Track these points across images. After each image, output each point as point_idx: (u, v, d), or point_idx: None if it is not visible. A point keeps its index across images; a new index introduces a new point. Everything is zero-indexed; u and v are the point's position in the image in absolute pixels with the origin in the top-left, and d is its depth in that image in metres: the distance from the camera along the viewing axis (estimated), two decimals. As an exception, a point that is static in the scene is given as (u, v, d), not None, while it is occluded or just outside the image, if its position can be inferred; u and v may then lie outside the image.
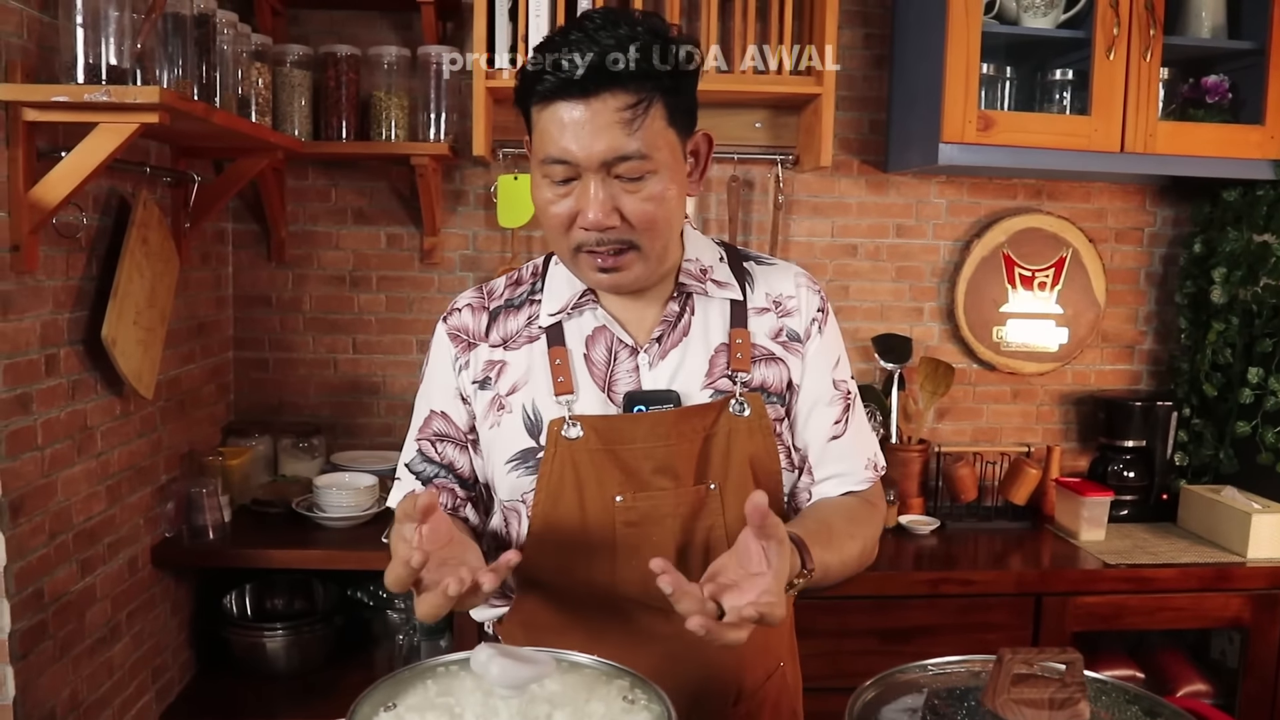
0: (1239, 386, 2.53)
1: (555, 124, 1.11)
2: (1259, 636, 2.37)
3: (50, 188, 1.60)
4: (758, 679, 1.28)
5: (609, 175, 1.12)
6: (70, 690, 1.85)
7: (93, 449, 1.93)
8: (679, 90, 1.14)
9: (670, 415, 1.20)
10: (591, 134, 1.09)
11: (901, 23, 2.65)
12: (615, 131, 1.09)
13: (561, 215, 1.14)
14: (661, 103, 1.12)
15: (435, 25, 2.46)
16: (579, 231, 1.14)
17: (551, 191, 1.14)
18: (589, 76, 1.08)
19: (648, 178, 1.12)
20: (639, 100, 1.10)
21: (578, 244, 1.16)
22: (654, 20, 1.14)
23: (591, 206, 1.11)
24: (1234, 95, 2.52)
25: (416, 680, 0.97)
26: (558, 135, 1.11)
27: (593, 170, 1.11)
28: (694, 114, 1.20)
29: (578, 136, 1.09)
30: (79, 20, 1.55)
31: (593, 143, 1.09)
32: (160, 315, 2.08)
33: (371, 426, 2.75)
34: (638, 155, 1.10)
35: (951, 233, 2.81)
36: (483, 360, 1.26)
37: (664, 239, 1.18)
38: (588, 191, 1.12)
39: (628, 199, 1.12)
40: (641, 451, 1.18)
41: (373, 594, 2.53)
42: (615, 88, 1.09)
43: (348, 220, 2.69)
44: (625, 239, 1.14)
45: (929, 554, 2.45)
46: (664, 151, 1.13)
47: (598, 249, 1.15)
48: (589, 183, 1.12)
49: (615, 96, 1.09)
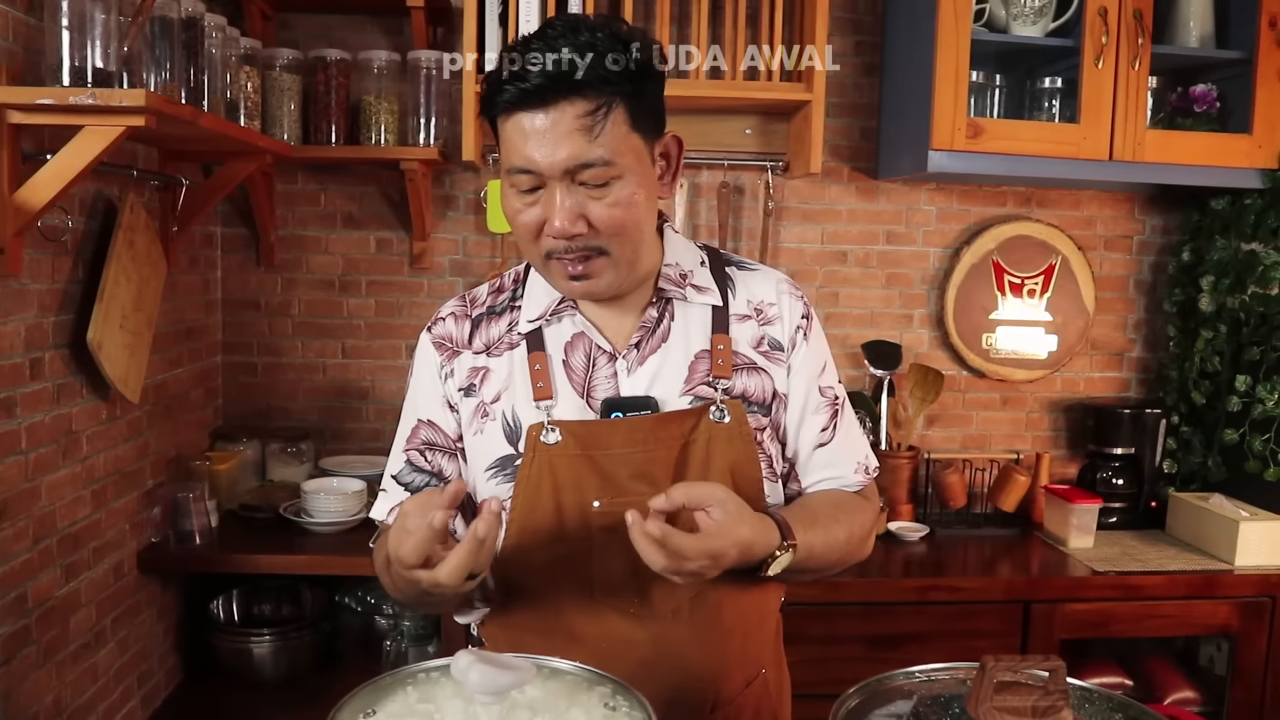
0: (1227, 394, 2.54)
1: (518, 134, 1.11)
2: (1246, 644, 2.37)
3: (35, 190, 1.59)
4: (736, 686, 1.27)
5: (573, 182, 1.12)
6: (54, 696, 1.84)
7: (78, 453, 1.92)
8: (640, 94, 1.14)
9: (648, 421, 1.20)
10: (553, 142, 1.09)
11: (892, 30, 2.66)
12: (576, 139, 1.09)
13: (530, 224, 1.15)
14: (623, 107, 1.12)
15: (425, 30, 2.46)
16: (547, 239, 1.15)
17: (519, 200, 1.15)
18: (547, 85, 1.08)
19: (613, 183, 1.12)
20: (598, 106, 1.10)
21: (547, 251, 1.16)
22: (613, 24, 1.14)
23: (558, 215, 1.12)
24: (1222, 104, 2.53)
25: (396, 686, 0.97)
26: (520, 145, 1.11)
27: (556, 178, 1.11)
28: (660, 117, 1.19)
29: (539, 145, 1.10)
30: (65, 23, 1.54)
31: (554, 151, 1.10)
32: (147, 319, 2.07)
33: (360, 431, 2.74)
34: (601, 162, 1.11)
35: (941, 240, 2.81)
36: (467, 367, 1.26)
37: (633, 244, 1.18)
38: (553, 200, 1.12)
39: (594, 205, 1.13)
40: (619, 457, 1.18)
41: (360, 599, 2.52)
42: (573, 95, 1.09)
43: (337, 225, 2.68)
44: (593, 245, 1.15)
45: (918, 561, 2.45)
46: (628, 156, 1.13)
47: (566, 256, 1.15)
48: (554, 191, 1.12)
49: (573, 104, 1.09)
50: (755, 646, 1.31)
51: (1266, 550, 2.39)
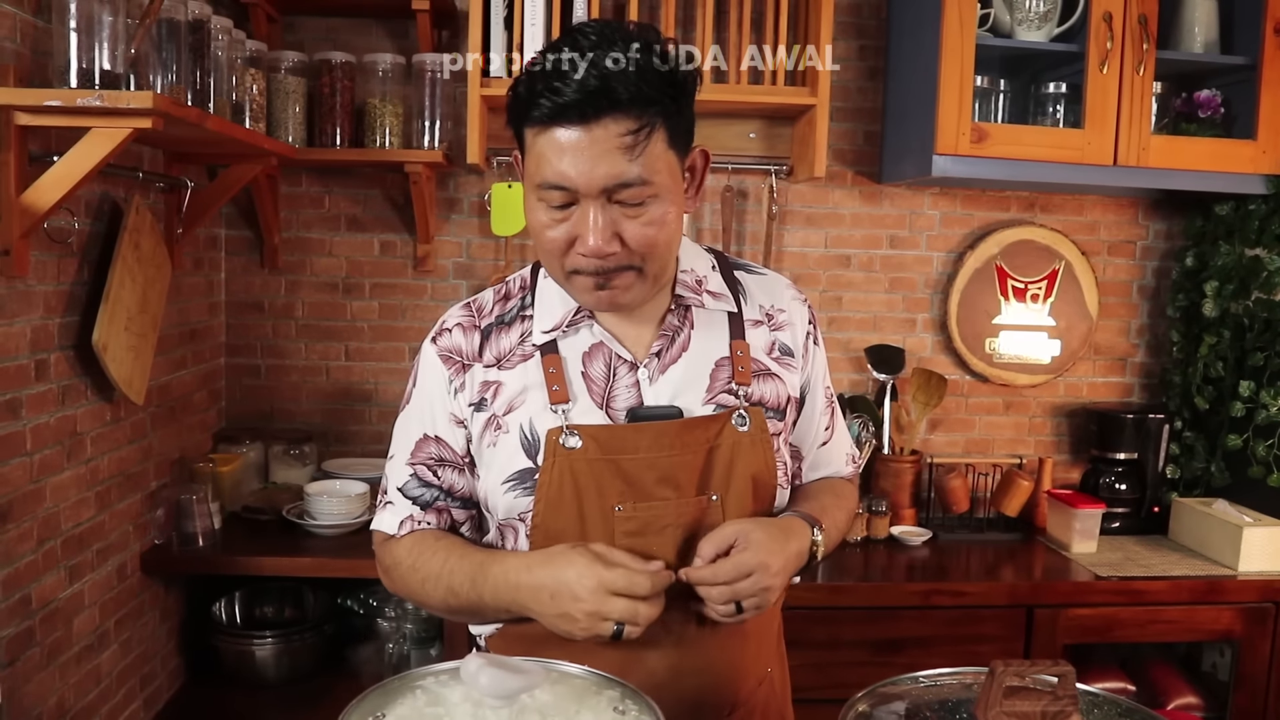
0: (1230, 400, 2.54)
1: (553, 149, 1.07)
2: (1250, 649, 2.37)
3: (42, 192, 1.59)
4: (750, 687, 1.28)
5: (609, 201, 1.08)
6: (57, 698, 1.84)
7: (82, 455, 1.92)
8: (680, 112, 1.11)
9: (675, 426, 1.19)
10: (592, 161, 1.05)
11: (896, 34, 2.66)
12: (616, 158, 1.05)
13: (559, 240, 1.11)
14: (663, 126, 1.08)
15: (430, 33, 2.46)
16: (577, 256, 1.11)
17: (548, 215, 1.11)
18: (588, 102, 1.04)
19: (649, 202, 1.09)
20: (641, 126, 1.06)
21: (575, 268, 1.13)
22: (650, 34, 1.10)
23: (592, 234, 1.08)
24: (1226, 110, 2.53)
25: (405, 690, 0.96)
26: (555, 160, 1.07)
27: (593, 197, 1.07)
28: (692, 131, 1.17)
29: (576, 163, 1.06)
30: (73, 25, 1.55)
31: (593, 169, 1.06)
32: (152, 321, 2.07)
33: (363, 434, 2.74)
34: (639, 181, 1.07)
35: (945, 244, 2.82)
36: (478, 381, 1.23)
37: (663, 261, 1.16)
38: (586, 218, 1.08)
39: (628, 224, 1.09)
40: (645, 461, 1.17)
41: (363, 602, 2.51)
42: (616, 113, 1.05)
43: (341, 227, 2.68)
44: (625, 264, 1.12)
45: (921, 565, 2.44)
46: (664, 175, 1.10)
47: (597, 275, 1.12)
48: (589, 209, 1.08)
49: (617, 122, 1.05)
50: (764, 647, 1.32)
51: (1270, 556, 2.38)
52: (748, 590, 1.12)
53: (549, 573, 1.10)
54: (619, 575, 1.07)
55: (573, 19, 2.34)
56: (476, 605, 1.18)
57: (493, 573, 1.16)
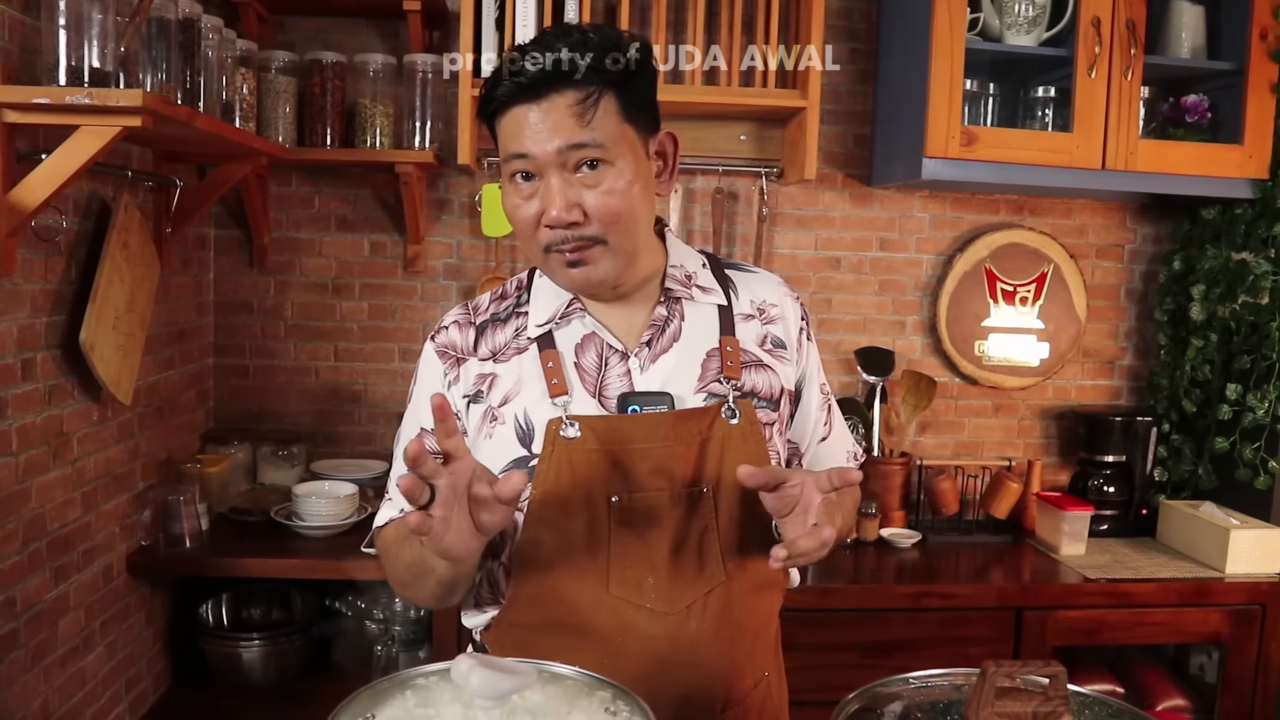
0: (1218, 403, 2.55)
1: (513, 126, 1.16)
2: (1237, 652, 2.38)
3: (30, 190, 1.58)
4: (745, 687, 1.28)
5: (568, 170, 1.15)
6: (41, 701, 1.82)
7: (69, 455, 1.91)
8: (630, 86, 1.17)
9: (669, 417, 1.21)
10: (547, 130, 1.14)
11: (886, 38, 2.67)
12: (568, 124, 1.14)
13: (529, 217, 1.18)
14: (613, 96, 1.16)
15: (422, 33, 2.46)
16: (545, 231, 1.17)
17: (518, 195, 1.18)
18: (540, 79, 1.13)
19: (605, 170, 1.16)
20: (588, 95, 1.14)
21: (546, 244, 1.18)
22: (606, 29, 1.19)
23: (554, 202, 1.15)
24: (1213, 115, 2.55)
25: (395, 691, 0.96)
26: (516, 134, 1.16)
27: (551, 165, 1.15)
28: (653, 112, 1.23)
29: (534, 134, 1.14)
30: (62, 22, 1.54)
31: (548, 139, 1.14)
32: (140, 320, 2.06)
33: (352, 435, 2.73)
34: (592, 144, 1.14)
35: (934, 247, 2.82)
36: (473, 374, 1.26)
37: (630, 234, 1.20)
38: (550, 189, 1.16)
39: (588, 194, 1.16)
40: (639, 452, 1.19)
41: (351, 604, 2.50)
42: (564, 87, 1.14)
43: (331, 227, 2.68)
44: (589, 234, 1.17)
45: (910, 567, 2.45)
46: (620, 145, 1.16)
47: (563, 246, 1.17)
48: (550, 179, 1.16)
49: (564, 95, 1.14)
50: (762, 648, 1.32)
51: (1257, 558, 2.40)
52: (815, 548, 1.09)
53: None
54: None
55: (564, 19, 2.34)
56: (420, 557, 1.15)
57: None
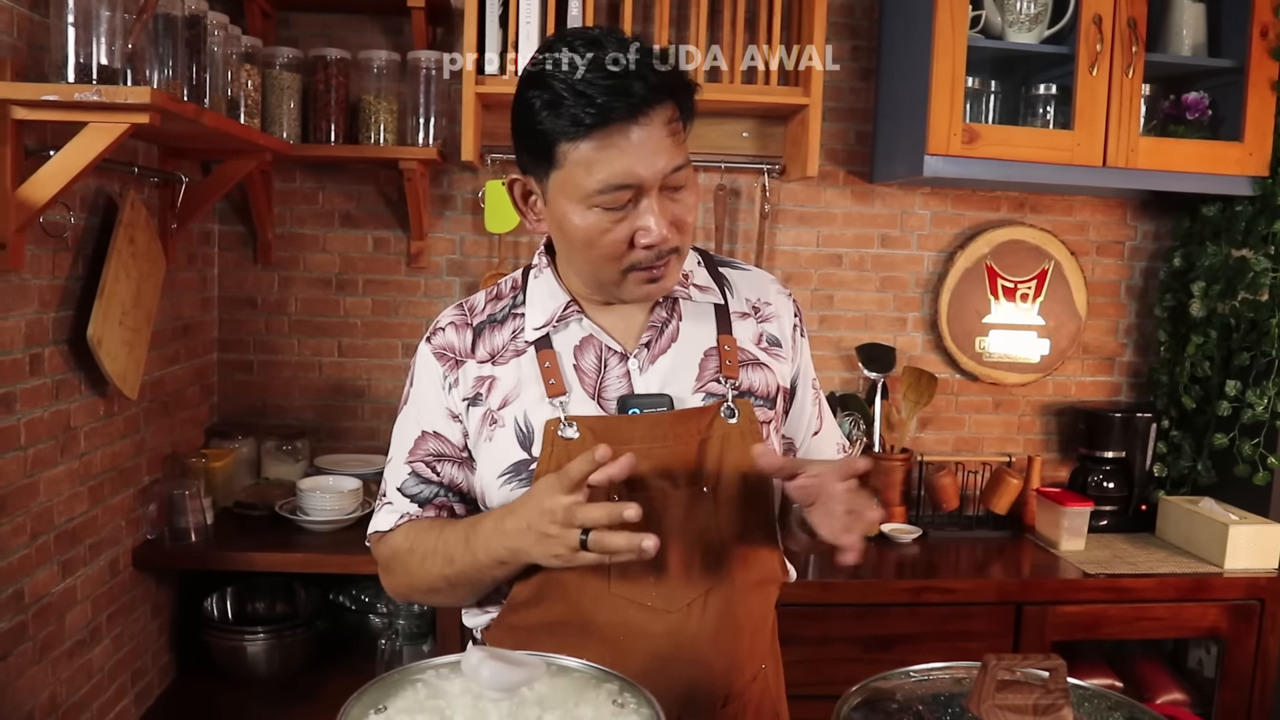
0: (1217, 399, 2.56)
1: (609, 152, 1.10)
2: (1235, 646, 2.39)
3: (38, 186, 1.59)
4: (744, 681, 1.29)
5: (662, 189, 1.14)
6: (49, 693, 1.84)
7: (76, 449, 1.92)
8: (691, 99, 1.18)
9: (668, 417, 1.21)
10: (653, 153, 1.10)
11: (888, 35, 2.68)
12: (668, 145, 1.12)
13: (620, 241, 1.15)
14: (688, 109, 1.17)
15: (425, 30, 2.47)
16: (639, 252, 1.15)
17: (605, 219, 1.14)
18: (635, 98, 1.08)
19: (688, 184, 1.17)
20: (680, 112, 1.14)
21: (633, 264, 1.17)
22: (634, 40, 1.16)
23: (656, 224, 1.13)
24: (1214, 112, 2.55)
25: (405, 683, 0.97)
26: (615, 161, 1.10)
27: (653, 188, 1.12)
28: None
29: (641, 158, 1.10)
30: (70, 19, 1.55)
31: (654, 161, 1.11)
32: (146, 316, 2.07)
33: (356, 430, 2.74)
34: (685, 164, 1.15)
35: (935, 244, 2.83)
36: (472, 377, 1.26)
37: (691, 239, 1.22)
38: (651, 210, 1.13)
39: (674, 208, 1.16)
40: (639, 452, 1.18)
41: (355, 598, 2.52)
42: (657, 104, 1.10)
43: (335, 223, 2.69)
44: (674, 247, 1.17)
45: (911, 563, 2.46)
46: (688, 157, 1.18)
47: (656, 263, 1.17)
48: (651, 202, 1.13)
49: (660, 113, 1.11)
50: (760, 642, 1.33)
51: (1255, 553, 2.41)
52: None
53: (524, 505, 1.12)
54: (558, 475, 1.08)
55: (567, 17, 2.35)
56: (472, 565, 1.19)
57: (483, 526, 1.18)
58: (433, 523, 1.27)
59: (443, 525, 1.25)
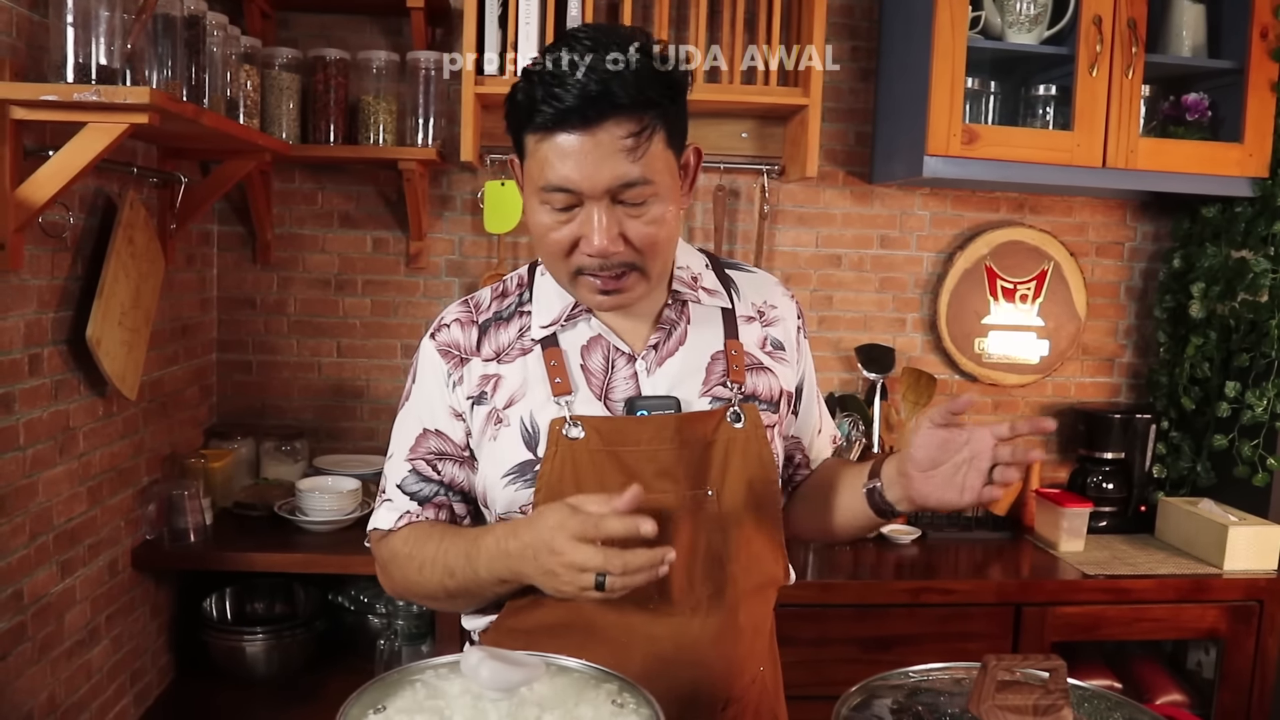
0: (1216, 400, 2.56)
1: (556, 153, 1.09)
2: (1235, 648, 2.39)
3: (37, 187, 1.59)
4: (744, 683, 1.29)
5: (612, 202, 1.11)
6: (48, 693, 1.84)
7: (75, 450, 1.92)
8: (678, 113, 1.14)
9: (674, 420, 1.21)
10: (595, 164, 1.08)
11: (888, 36, 2.68)
12: (619, 160, 1.08)
13: (562, 241, 1.14)
14: (662, 127, 1.12)
15: (425, 31, 2.47)
16: (580, 256, 1.14)
17: (551, 218, 1.13)
18: (590, 106, 1.06)
19: (650, 201, 1.12)
20: (642, 129, 1.09)
21: (578, 268, 1.16)
22: (643, 37, 1.13)
23: (596, 234, 1.11)
24: (1213, 113, 2.56)
25: (405, 683, 0.97)
26: (559, 165, 1.09)
27: (597, 198, 1.10)
28: (686, 130, 1.20)
29: (581, 166, 1.08)
30: (69, 20, 1.55)
31: (596, 172, 1.08)
32: (145, 316, 2.07)
33: (355, 430, 2.74)
34: (641, 181, 1.10)
35: (935, 244, 2.83)
36: (477, 375, 1.24)
37: (664, 259, 1.19)
38: (591, 219, 1.11)
39: (631, 223, 1.12)
40: (645, 454, 1.18)
41: (354, 599, 2.52)
42: (618, 116, 1.07)
43: (334, 224, 2.68)
44: (628, 262, 1.14)
45: (910, 563, 2.46)
46: (664, 175, 1.13)
47: (600, 273, 1.15)
48: (592, 211, 1.11)
49: (619, 125, 1.08)
50: (760, 644, 1.33)
51: (1254, 555, 2.41)
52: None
53: (531, 532, 1.09)
54: (583, 520, 1.04)
55: (567, 17, 2.35)
56: (473, 581, 1.17)
57: (485, 544, 1.16)
58: (433, 528, 1.25)
59: (443, 533, 1.23)
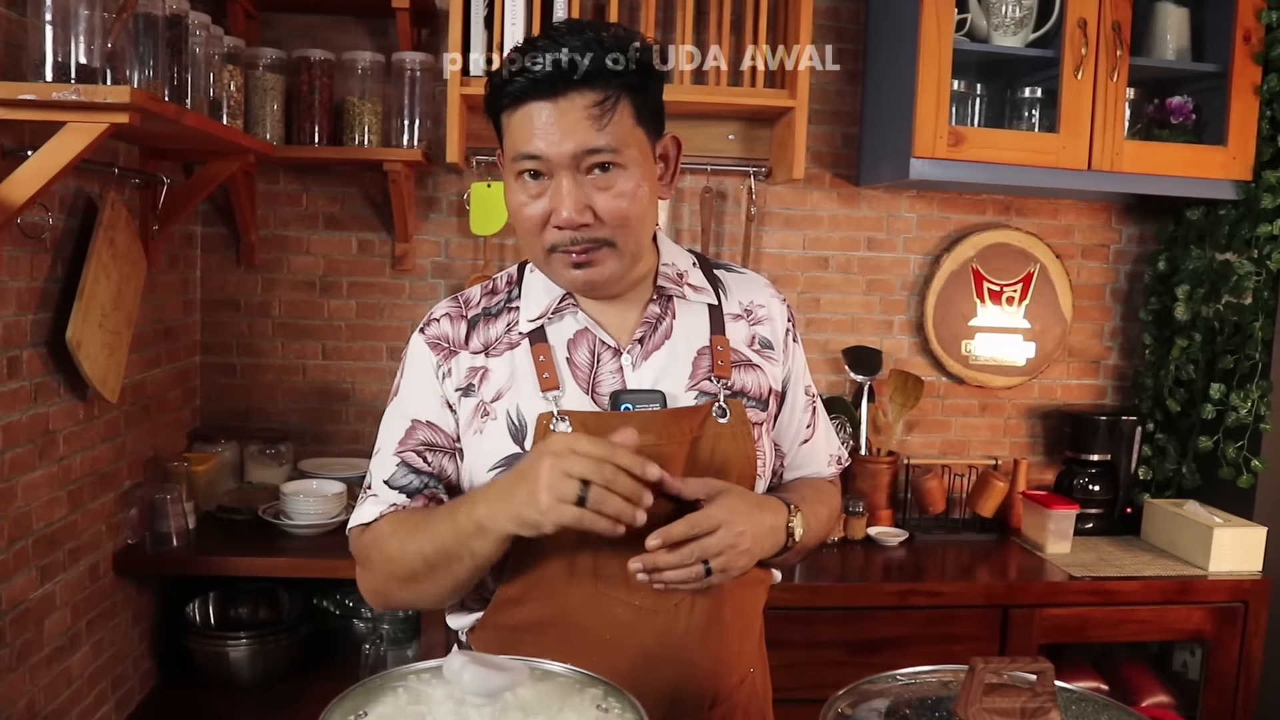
0: (1201, 402, 2.57)
1: (525, 123, 1.14)
2: (1220, 649, 2.40)
3: (16, 187, 1.57)
4: (732, 684, 1.28)
5: (580, 172, 1.14)
6: (27, 700, 1.81)
7: (54, 453, 1.89)
8: (645, 90, 1.17)
9: (661, 415, 1.21)
10: (561, 131, 1.12)
11: (874, 38, 2.68)
12: (584, 127, 1.12)
13: (535, 216, 1.16)
14: (629, 100, 1.15)
15: (410, 32, 2.46)
16: (553, 231, 1.16)
17: (525, 193, 1.17)
18: (556, 76, 1.11)
19: (617, 173, 1.15)
20: (606, 98, 1.13)
21: (551, 244, 1.18)
22: (617, 28, 1.18)
23: (565, 204, 1.14)
24: (1198, 116, 2.57)
25: (387, 689, 0.96)
26: (528, 133, 1.13)
27: (564, 167, 1.13)
28: (661, 116, 1.23)
29: (547, 134, 1.12)
30: (48, 18, 1.52)
31: (562, 140, 1.12)
32: (126, 318, 2.05)
33: (340, 433, 2.72)
34: (607, 149, 1.13)
35: (921, 247, 2.84)
36: (465, 367, 1.25)
37: (636, 236, 1.20)
38: (560, 190, 1.14)
39: (600, 196, 1.15)
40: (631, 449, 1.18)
41: (339, 603, 2.50)
42: (582, 86, 1.12)
43: (319, 225, 2.67)
44: (598, 237, 1.16)
45: (897, 566, 2.46)
46: (633, 149, 1.16)
47: (572, 248, 1.17)
48: (561, 180, 1.14)
49: (582, 95, 1.12)
50: (748, 645, 1.32)
51: (1239, 556, 2.42)
52: (715, 547, 1.10)
53: (534, 453, 1.10)
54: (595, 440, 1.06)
55: (553, 18, 2.34)
56: (451, 534, 1.14)
57: (469, 495, 1.17)
58: (418, 509, 1.24)
59: (428, 510, 1.23)
